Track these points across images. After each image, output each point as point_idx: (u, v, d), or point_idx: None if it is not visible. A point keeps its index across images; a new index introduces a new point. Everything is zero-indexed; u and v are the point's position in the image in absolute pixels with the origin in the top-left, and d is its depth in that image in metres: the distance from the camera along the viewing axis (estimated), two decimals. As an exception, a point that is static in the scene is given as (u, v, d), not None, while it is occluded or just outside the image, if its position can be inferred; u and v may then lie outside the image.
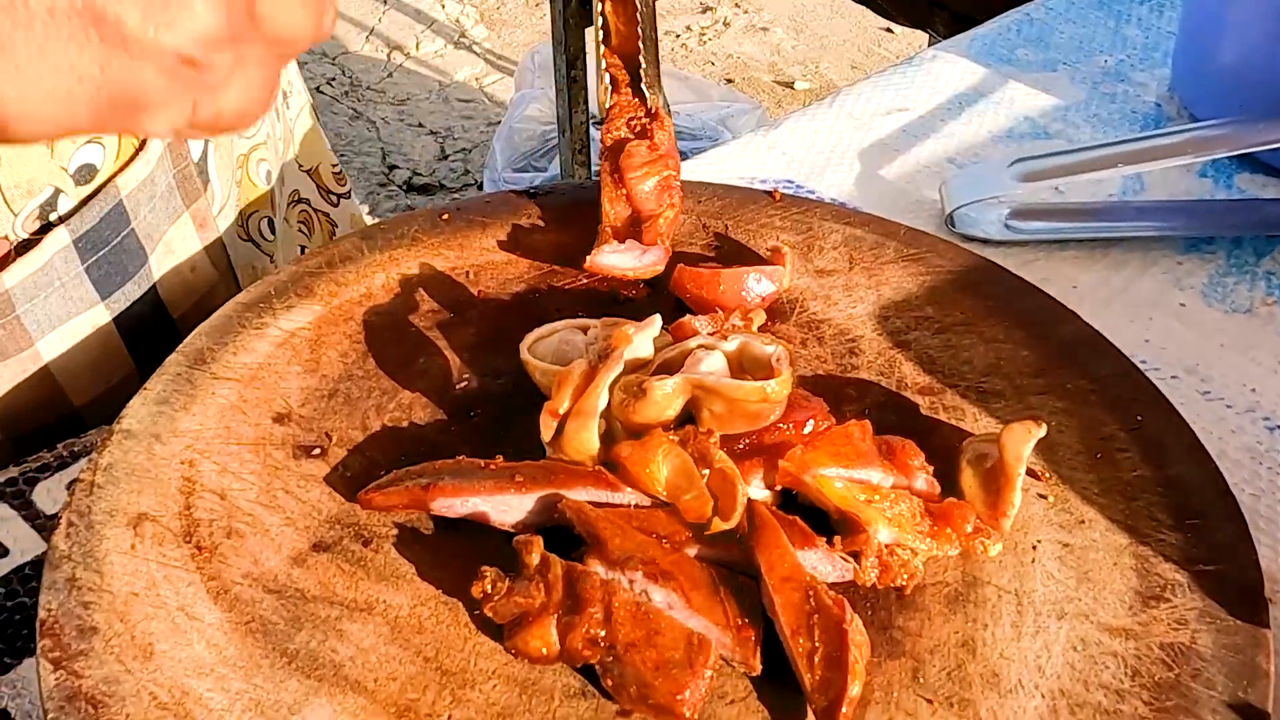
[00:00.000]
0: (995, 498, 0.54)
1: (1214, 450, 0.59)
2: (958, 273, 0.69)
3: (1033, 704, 0.48)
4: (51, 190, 0.65)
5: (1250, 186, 0.86)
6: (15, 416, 0.67)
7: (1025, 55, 1.00)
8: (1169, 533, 0.54)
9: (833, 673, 0.47)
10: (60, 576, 0.52)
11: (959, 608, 0.52)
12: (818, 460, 0.53)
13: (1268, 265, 0.78)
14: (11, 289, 0.64)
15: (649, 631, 0.48)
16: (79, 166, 0.65)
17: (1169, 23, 1.04)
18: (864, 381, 0.63)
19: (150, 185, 0.68)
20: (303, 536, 0.54)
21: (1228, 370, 0.71)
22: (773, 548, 0.50)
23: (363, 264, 0.69)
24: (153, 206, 0.69)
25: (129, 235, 0.68)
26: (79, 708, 0.47)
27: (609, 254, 0.66)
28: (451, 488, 0.54)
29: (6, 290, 0.64)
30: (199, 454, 0.57)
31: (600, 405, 0.54)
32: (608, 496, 0.53)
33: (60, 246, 0.65)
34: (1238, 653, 0.50)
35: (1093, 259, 0.79)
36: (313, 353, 0.63)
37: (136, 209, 0.68)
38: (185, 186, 0.71)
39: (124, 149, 0.67)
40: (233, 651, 0.49)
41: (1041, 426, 0.54)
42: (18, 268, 0.64)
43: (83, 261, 0.66)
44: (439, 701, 0.48)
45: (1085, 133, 0.92)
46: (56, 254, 0.65)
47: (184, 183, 0.71)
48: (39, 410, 0.68)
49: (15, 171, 0.63)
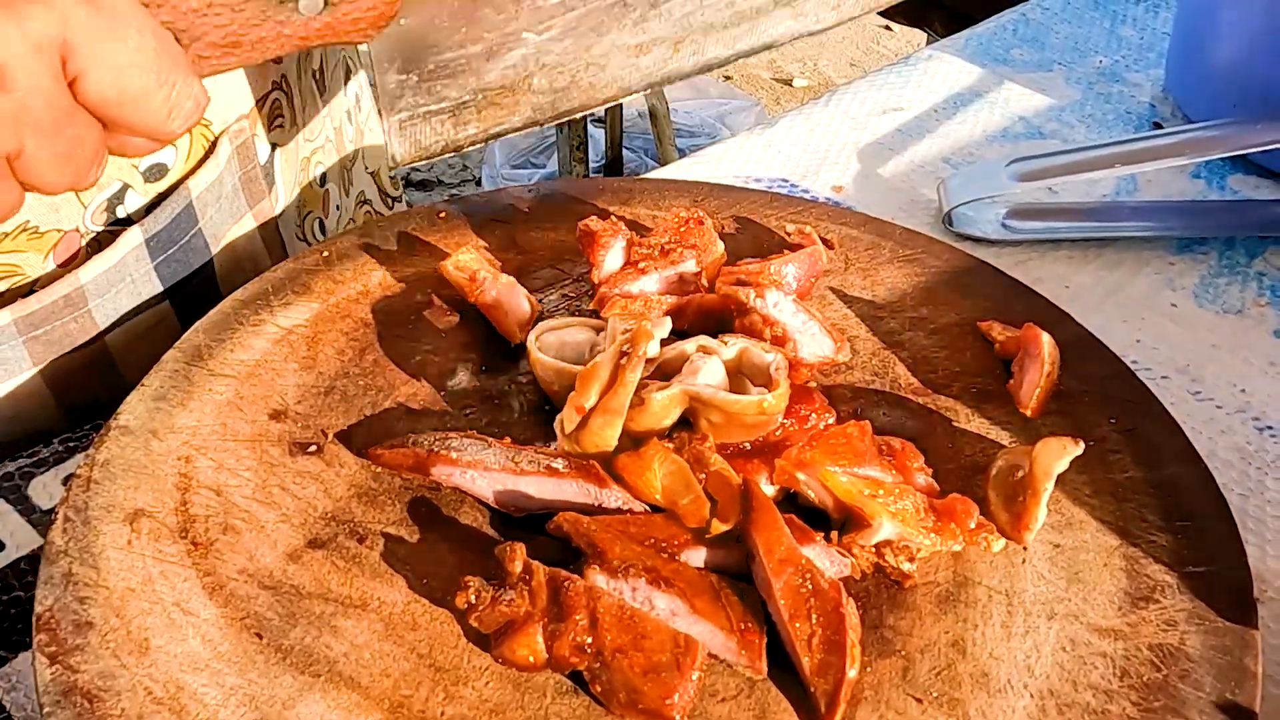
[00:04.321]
0: (1021, 510, 0.54)
1: (1204, 450, 0.59)
2: (952, 274, 0.69)
3: (1021, 704, 0.49)
4: (120, 185, 0.67)
5: (1243, 187, 0.86)
6: (69, 388, 0.69)
7: (1021, 55, 1.00)
8: (1159, 534, 0.55)
9: (831, 656, 0.47)
10: (57, 571, 0.52)
11: (950, 607, 0.52)
12: (817, 459, 0.54)
13: (1259, 266, 0.79)
14: (86, 284, 0.66)
15: (635, 636, 0.48)
16: (150, 165, 0.68)
17: (1164, 23, 1.04)
18: (858, 382, 0.63)
19: (218, 186, 0.71)
20: (298, 533, 0.54)
21: (1219, 371, 0.71)
22: (770, 529, 0.50)
23: (360, 262, 0.69)
24: (219, 206, 0.72)
25: (196, 234, 0.70)
26: (75, 702, 0.47)
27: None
28: (453, 458, 0.55)
29: (81, 286, 0.66)
30: (196, 450, 0.58)
31: (626, 404, 0.54)
32: (597, 492, 0.53)
33: (133, 245, 0.67)
34: (1226, 654, 0.50)
35: (1086, 259, 0.79)
36: (310, 350, 0.64)
37: (204, 209, 0.70)
38: (250, 188, 0.74)
39: (195, 150, 0.70)
40: (228, 647, 0.50)
41: (1079, 444, 0.54)
42: (93, 264, 0.66)
43: (153, 259, 0.69)
44: (432, 698, 0.48)
45: (1080, 133, 0.92)
46: (130, 253, 0.67)
47: (249, 184, 0.73)
48: (93, 383, 0.69)
49: None
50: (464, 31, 0.63)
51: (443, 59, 0.63)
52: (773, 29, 0.71)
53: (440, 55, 0.63)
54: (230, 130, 0.70)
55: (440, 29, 0.62)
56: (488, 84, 0.65)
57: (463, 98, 0.65)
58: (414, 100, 0.64)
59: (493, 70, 0.64)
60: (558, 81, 0.66)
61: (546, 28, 0.64)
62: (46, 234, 0.65)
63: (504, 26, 0.63)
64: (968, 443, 0.59)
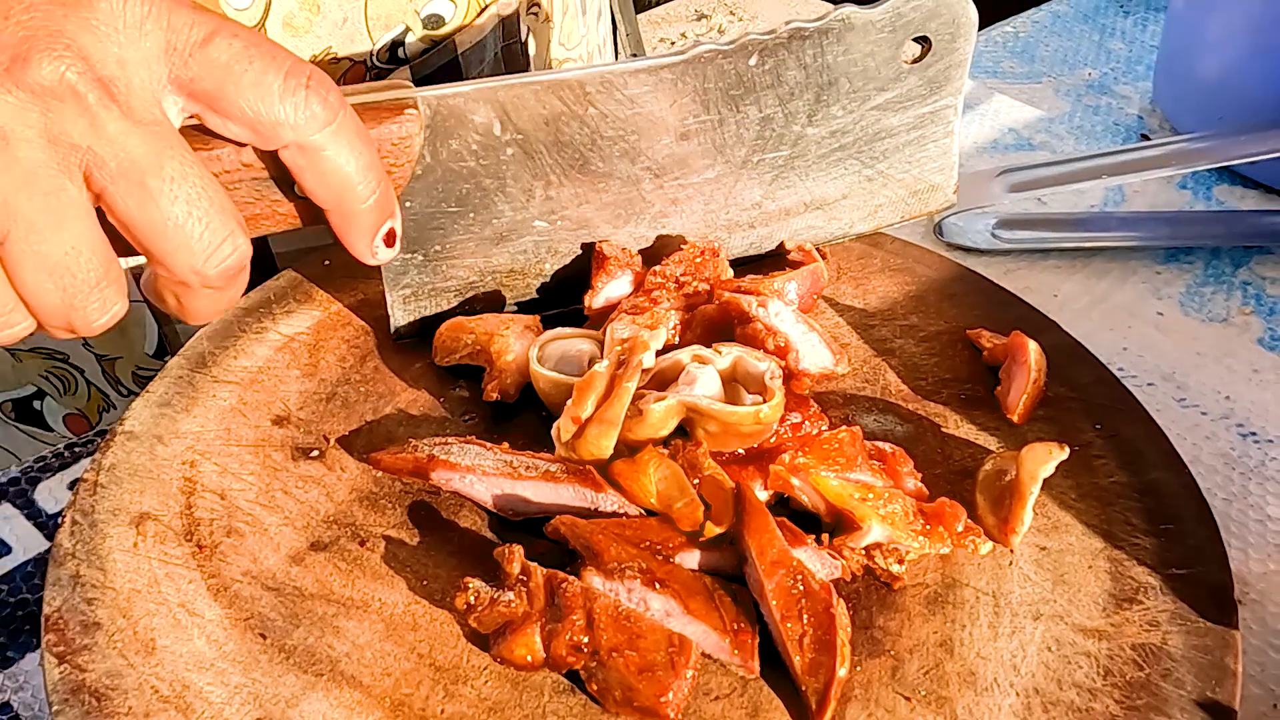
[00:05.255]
0: (1007, 513, 0.55)
1: (1188, 456, 0.61)
2: (942, 283, 0.71)
3: (1007, 702, 0.50)
4: (402, 28, 0.75)
5: (1228, 198, 0.88)
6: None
7: (1012, 68, 1.02)
8: (1143, 537, 0.56)
9: (822, 655, 0.48)
10: (65, 573, 0.53)
11: (938, 609, 0.53)
12: (809, 465, 0.55)
13: (1244, 275, 0.80)
14: None
15: (631, 635, 0.49)
16: (429, 14, 0.76)
17: (1152, 37, 1.06)
18: (850, 388, 0.64)
19: (481, 49, 0.77)
20: (301, 536, 0.56)
21: (1203, 378, 0.72)
22: (762, 531, 0.51)
23: (360, 271, 0.70)
24: (479, 70, 0.78)
25: None
26: (83, 700, 0.48)
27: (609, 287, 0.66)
28: (452, 463, 0.56)
29: None
30: (200, 455, 0.59)
31: (622, 414, 0.55)
32: (593, 496, 0.54)
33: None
34: (1207, 653, 0.51)
35: (1075, 268, 0.81)
36: (311, 357, 0.65)
37: (468, 68, 0.77)
38: (509, 62, 0.82)
39: (470, 9, 0.78)
40: (232, 647, 0.51)
41: (1064, 449, 0.55)
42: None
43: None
44: (432, 696, 0.50)
45: (1069, 144, 0.93)
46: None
47: (508, 58, 0.81)
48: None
49: (377, 5, 0.73)
50: (472, 217, 0.63)
51: (450, 241, 0.63)
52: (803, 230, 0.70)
53: (448, 238, 0.63)
54: (500, 2, 0.78)
55: (448, 214, 0.62)
56: (496, 266, 0.65)
57: (470, 279, 0.65)
58: (418, 279, 0.64)
59: (502, 254, 0.65)
60: (569, 271, 0.66)
61: (560, 218, 0.64)
62: (341, 62, 0.74)
63: (515, 214, 0.63)
64: (956, 448, 0.61)
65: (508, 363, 0.61)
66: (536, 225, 0.64)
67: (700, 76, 0.63)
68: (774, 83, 0.64)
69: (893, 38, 0.65)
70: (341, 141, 0.51)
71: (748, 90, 0.64)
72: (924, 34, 0.65)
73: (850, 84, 0.66)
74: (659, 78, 0.62)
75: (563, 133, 0.62)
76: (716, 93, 0.64)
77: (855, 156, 0.68)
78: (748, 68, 0.63)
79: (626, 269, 0.64)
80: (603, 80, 0.61)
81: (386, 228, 0.55)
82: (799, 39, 0.63)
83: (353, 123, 0.51)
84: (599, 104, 0.62)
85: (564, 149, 0.62)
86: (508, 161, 0.61)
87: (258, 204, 0.54)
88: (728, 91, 0.64)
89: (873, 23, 0.64)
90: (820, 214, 0.70)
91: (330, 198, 0.52)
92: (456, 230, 0.63)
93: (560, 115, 0.61)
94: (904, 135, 0.69)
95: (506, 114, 0.60)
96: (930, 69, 0.67)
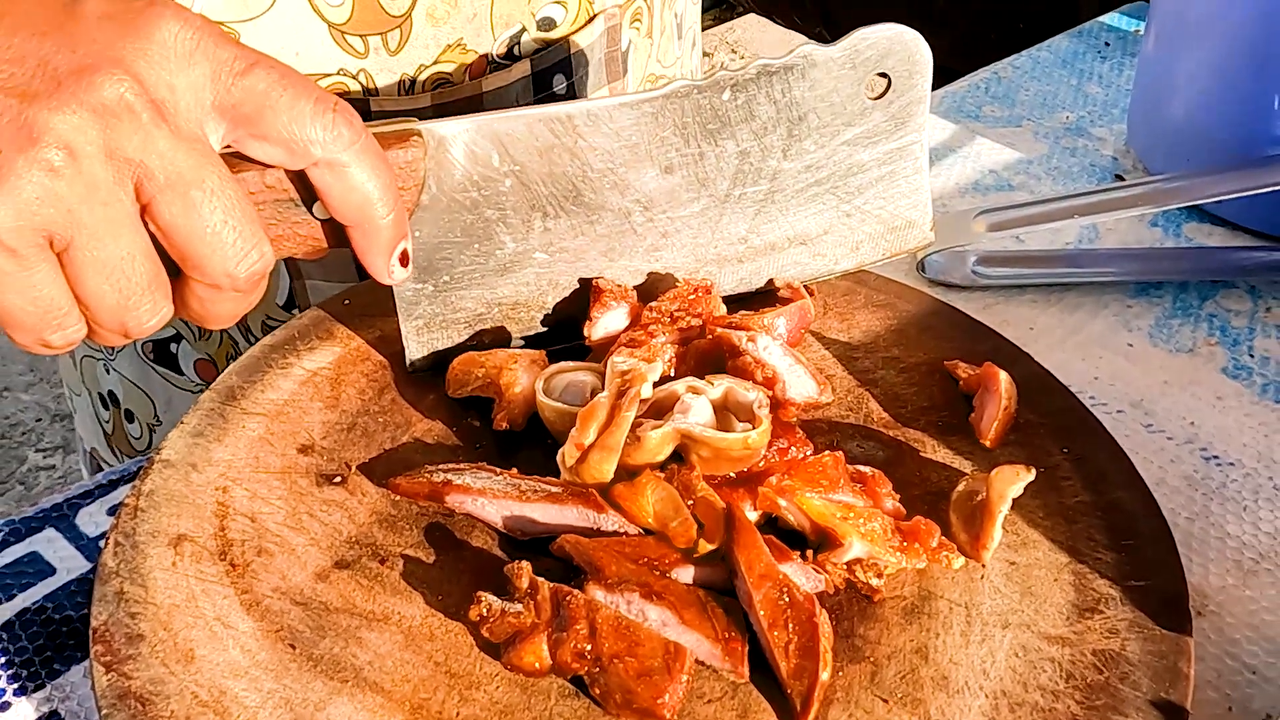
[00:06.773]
0: (978, 531, 0.59)
1: (1154, 478, 0.65)
2: (922, 317, 0.75)
3: (977, 703, 0.54)
4: (519, 27, 0.83)
5: (1197, 235, 0.92)
6: None
7: (992, 111, 1.07)
8: (1105, 552, 0.60)
9: (806, 660, 0.52)
10: (110, 590, 0.57)
11: (914, 618, 0.58)
12: (795, 487, 0.59)
13: (1210, 308, 0.85)
14: (485, 93, 0.83)
15: (630, 643, 0.53)
16: (543, 17, 0.84)
17: (1127, 80, 1.11)
18: (834, 416, 0.69)
19: (590, 52, 0.85)
20: (325, 555, 0.60)
21: (1170, 405, 0.77)
22: (750, 548, 0.56)
23: (377, 308, 0.75)
24: (585, 72, 0.86)
25: (566, 88, 0.87)
26: (129, 705, 0.53)
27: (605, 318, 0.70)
28: (465, 487, 0.60)
29: (482, 91, 0.83)
30: (231, 481, 0.63)
31: (621, 441, 0.60)
32: (595, 517, 0.59)
33: (523, 75, 0.84)
34: (1162, 658, 0.55)
35: (1050, 302, 0.85)
36: (333, 390, 0.70)
37: (576, 68, 0.85)
38: (610, 67, 0.89)
39: (580, 15, 0.85)
40: (264, 656, 0.55)
41: (1031, 471, 0.59)
42: (493, 78, 0.83)
43: (535, 94, 0.85)
44: (448, 700, 0.54)
45: (1046, 184, 0.98)
46: (519, 79, 0.84)
47: (610, 63, 0.88)
48: None
49: (501, 4, 0.82)
50: (477, 248, 0.67)
51: (458, 271, 0.67)
52: (789, 266, 0.74)
53: (455, 268, 0.67)
54: (606, 11, 0.86)
55: (455, 243, 0.66)
56: (501, 298, 0.69)
57: (477, 310, 0.69)
58: (429, 309, 0.68)
59: (506, 285, 0.69)
60: (570, 306, 0.70)
61: (558, 250, 0.68)
62: (469, 53, 0.82)
63: (517, 245, 0.67)
64: (933, 471, 0.65)
65: (516, 394, 0.66)
66: (537, 257, 0.68)
67: (679, 111, 0.67)
68: (747, 117, 0.68)
69: (854, 74, 0.68)
70: (364, 160, 0.56)
71: (724, 124, 0.68)
72: (883, 70, 0.69)
73: (819, 119, 0.69)
74: (641, 111, 0.66)
75: (555, 164, 0.66)
76: (695, 127, 0.67)
77: (831, 192, 0.72)
78: (722, 102, 0.67)
79: (622, 301, 0.69)
80: (589, 114, 0.65)
81: (401, 247, 0.60)
82: (766, 75, 0.67)
83: (374, 145, 0.57)
84: (586, 136, 0.66)
85: (558, 180, 0.66)
86: (507, 193, 0.66)
87: (279, 225, 0.59)
88: (705, 125, 0.68)
89: (833, 59, 0.68)
90: (804, 250, 0.74)
91: (353, 214, 0.57)
92: (463, 260, 0.67)
93: (553, 147, 0.65)
94: (875, 170, 0.72)
95: (504, 145, 0.64)
96: (893, 105, 0.70)
